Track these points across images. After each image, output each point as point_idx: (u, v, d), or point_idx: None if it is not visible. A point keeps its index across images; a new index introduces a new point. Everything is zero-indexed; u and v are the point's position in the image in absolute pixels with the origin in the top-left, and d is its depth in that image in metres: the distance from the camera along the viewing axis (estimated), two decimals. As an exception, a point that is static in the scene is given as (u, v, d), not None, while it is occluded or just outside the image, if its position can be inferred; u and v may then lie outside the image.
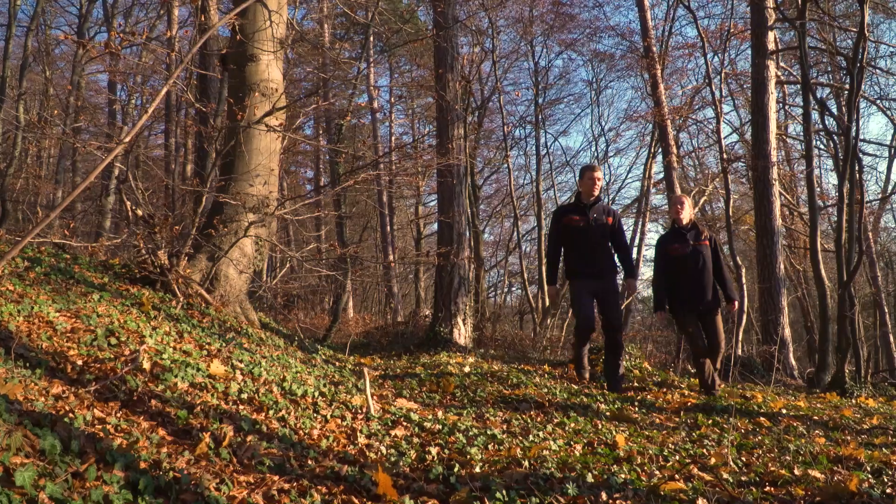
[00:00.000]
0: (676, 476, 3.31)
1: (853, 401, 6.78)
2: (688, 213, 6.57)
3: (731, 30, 15.29)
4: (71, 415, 2.78)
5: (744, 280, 12.49)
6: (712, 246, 6.55)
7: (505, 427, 4.41)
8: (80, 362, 3.56)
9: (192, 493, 2.41)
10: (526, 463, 3.42)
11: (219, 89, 11.77)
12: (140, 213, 6.57)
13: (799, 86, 12.21)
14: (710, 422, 4.91)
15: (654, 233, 30.51)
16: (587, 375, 6.94)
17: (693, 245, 6.43)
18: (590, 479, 3.18)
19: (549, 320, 17.99)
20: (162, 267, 6.30)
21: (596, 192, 6.46)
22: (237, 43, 7.08)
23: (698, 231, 6.52)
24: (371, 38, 19.16)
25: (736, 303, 6.66)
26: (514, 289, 29.98)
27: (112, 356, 3.79)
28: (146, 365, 3.73)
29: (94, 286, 5.57)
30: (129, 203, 6.62)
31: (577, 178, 6.70)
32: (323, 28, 20.94)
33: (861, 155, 12.56)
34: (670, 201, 6.59)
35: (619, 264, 6.70)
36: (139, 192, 6.66)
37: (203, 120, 10.40)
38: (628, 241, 6.83)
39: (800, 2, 9.90)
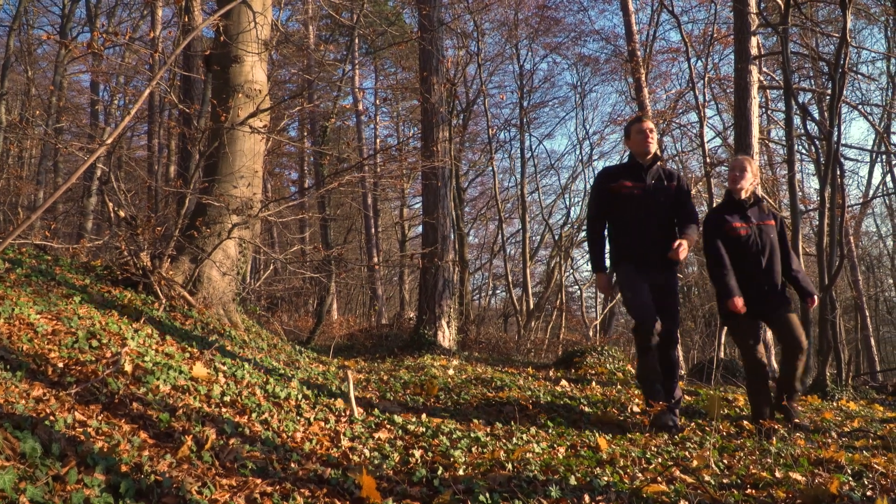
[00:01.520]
0: (659, 479, 3.33)
1: (834, 404, 6.84)
2: (749, 182, 5.02)
3: (715, 35, 15.39)
4: (52, 417, 2.75)
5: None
6: (779, 227, 5.04)
7: (489, 430, 4.41)
8: (61, 365, 3.53)
9: (173, 497, 2.40)
10: (509, 465, 3.42)
11: (202, 90, 11.73)
12: (122, 214, 6.53)
13: (781, 90, 12.31)
14: (692, 425, 4.94)
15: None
16: (664, 394, 4.78)
17: (757, 224, 4.95)
18: (573, 481, 3.19)
19: (533, 323, 18.05)
20: (144, 269, 6.26)
21: (652, 149, 4.81)
22: (221, 44, 7.06)
23: (762, 207, 5.04)
24: (356, 41, 19.13)
25: (816, 298, 5.09)
26: (498, 291, 30.08)
27: (93, 358, 3.76)
28: (128, 367, 3.71)
29: (75, 288, 5.52)
30: (111, 204, 6.58)
31: (624, 138, 5.04)
32: (308, 30, 20.90)
33: (843, 159, 12.66)
34: (729, 166, 5.26)
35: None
36: (121, 193, 6.62)
37: (186, 121, 10.36)
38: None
39: (782, 7, 9.99)
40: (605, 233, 4.97)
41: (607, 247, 5.03)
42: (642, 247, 4.77)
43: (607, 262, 5.04)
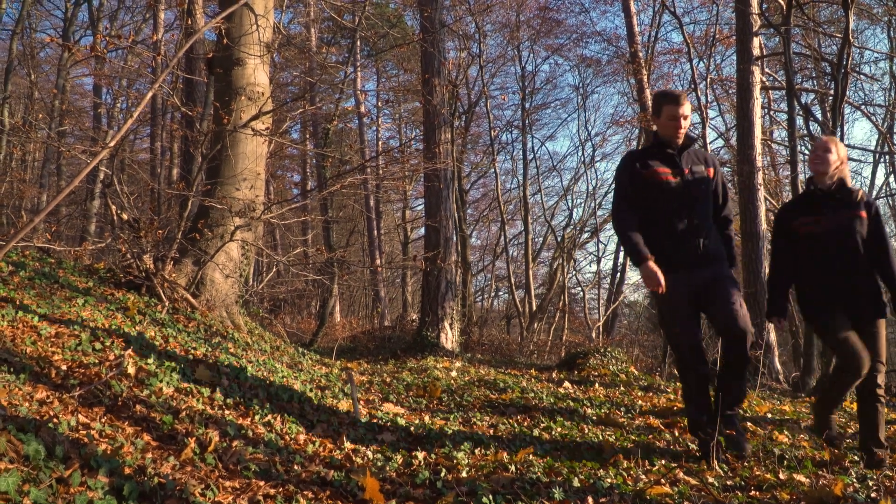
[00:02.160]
0: (662, 480, 3.32)
1: (838, 405, 6.82)
2: (834, 166, 4.13)
3: (717, 35, 15.40)
4: (55, 420, 2.76)
5: (729, 284, 12.51)
6: (872, 217, 4.10)
7: (492, 431, 4.41)
8: (64, 367, 3.54)
9: (176, 499, 2.40)
10: (512, 467, 3.42)
11: (205, 93, 11.75)
12: (125, 216, 6.54)
13: (784, 91, 12.29)
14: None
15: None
16: (715, 437, 3.81)
17: (843, 215, 4.06)
18: (576, 483, 3.19)
19: (535, 324, 18.04)
20: (147, 271, 6.26)
21: (682, 138, 3.98)
22: (223, 47, 7.07)
23: (849, 195, 4.12)
24: (358, 43, 19.15)
25: None
26: (501, 293, 30.05)
27: (97, 361, 3.77)
28: (131, 370, 3.71)
29: (78, 291, 5.53)
30: (114, 207, 6.59)
31: (652, 114, 4.14)
32: (310, 32, 20.91)
33: (845, 160, 12.67)
34: (812, 147, 4.46)
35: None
36: (124, 195, 6.62)
37: (189, 124, 10.37)
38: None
39: (785, 8, 9.98)
40: (636, 228, 3.96)
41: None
42: (682, 246, 3.88)
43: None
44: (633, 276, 26.16)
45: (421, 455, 3.54)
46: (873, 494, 3.14)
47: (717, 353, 4.17)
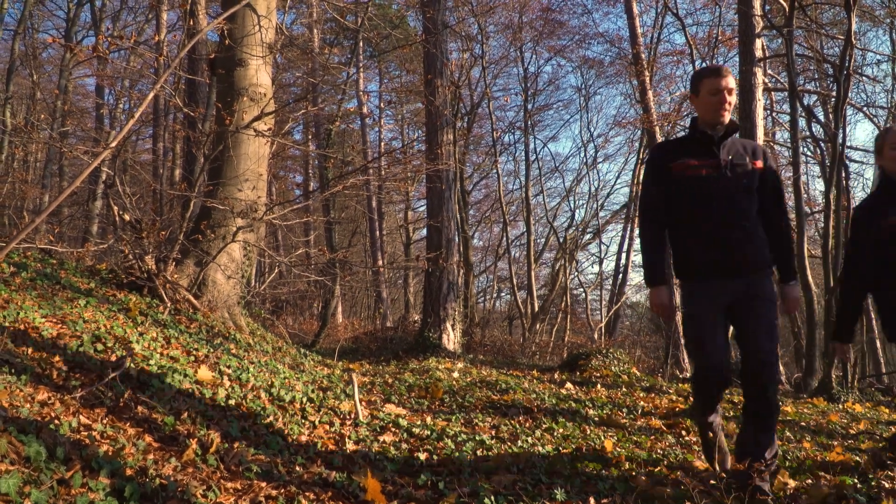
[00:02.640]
0: (664, 481, 3.31)
1: (840, 406, 6.82)
2: None
3: (719, 37, 15.40)
4: (56, 421, 2.76)
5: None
6: None
7: (494, 432, 4.41)
8: (65, 368, 3.53)
9: (178, 500, 2.40)
10: (515, 468, 3.42)
11: (207, 94, 11.74)
12: (127, 217, 6.54)
13: (786, 93, 12.29)
14: (697, 427, 4.92)
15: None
16: (727, 461, 3.56)
17: None
18: (578, 484, 3.18)
19: (537, 325, 18.03)
20: (149, 272, 6.26)
21: (727, 120, 3.36)
22: (226, 47, 7.07)
23: None
24: (360, 44, 19.17)
25: None
26: (503, 294, 30.06)
27: (98, 362, 3.77)
28: (133, 371, 3.71)
29: (80, 292, 5.53)
30: (116, 208, 6.59)
31: (691, 94, 3.52)
32: (312, 33, 20.93)
33: (848, 161, 12.63)
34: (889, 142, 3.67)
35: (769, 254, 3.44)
36: (126, 196, 6.63)
37: (191, 124, 10.38)
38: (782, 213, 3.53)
39: (787, 10, 9.98)
40: (665, 234, 3.51)
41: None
42: (717, 250, 3.30)
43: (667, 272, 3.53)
44: (635, 277, 26.18)
45: (423, 456, 3.54)
46: (875, 494, 3.13)
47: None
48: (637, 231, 3.97)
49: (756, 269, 3.32)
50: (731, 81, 3.35)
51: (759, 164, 3.42)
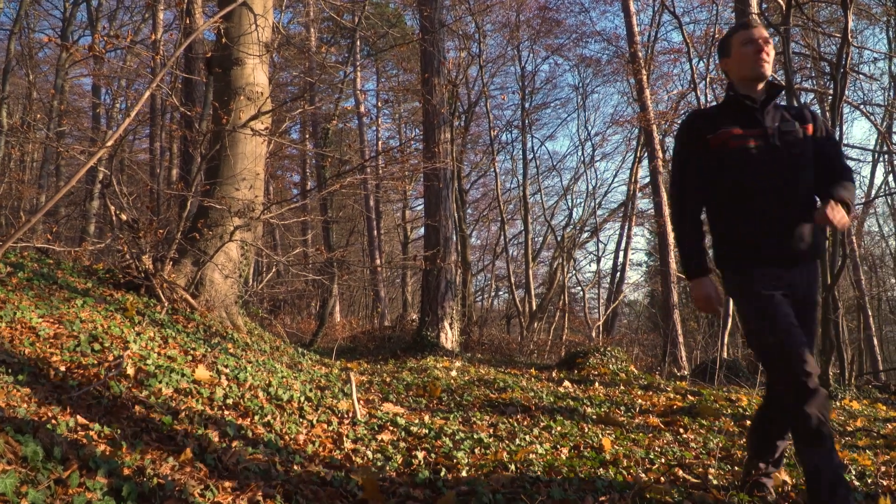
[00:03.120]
0: (662, 479, 3.32)
1: (837, 403, 6.82)
2: None
3: (716, 35, 15.38)
4: (53, 421, 2.75)
5: (729, 283, 12.55)
6: None
7: (492, 431, 4.41)
8: (63, 368, 3.53)
9: (176, 500, 2.39)
10: (512, 467, 3.42)
11: (204, 93, 11.74)
12: (124, 217, 6.53)
13: (783, 90, 12.32)
14: (695, 425, 4.93)
15: (639, 237, 30.64)
16: (777, 476, 3.27)
17: None
18: (576, 482, 3.18)
19: (535, 324, 18.04)
20: (146, 272, 6.26)
21: (767, 72, 2.91)
22: (222, 46, 7.06)
23: None
24: (358, 42, 19.14)
25: None
26: (501, 293, 30.07)
27: (95, 362, 3.76)
28: (130, 371, 3.70)
29: (77, 291, 5.52)
30: (113, 207, 6.58)
31: (720, 56, 3.12)
32: (309, 32, 20.92)
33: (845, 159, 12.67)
34: None
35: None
36: (123, 196, 6.62)
37: (188, 124, 10.36)
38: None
39: (784, 7, 9.98)
40: (703, 217, 3.03)
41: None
42: (771, 233, 2.81)
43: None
44: (632, 275, 26.20)
45: (421, 455, 3.54)
46: (872, 492, 3.14)
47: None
48: (672, 216, 3.15)
49: (815, 255, 2.87)
50: (763, 31, 2.94)
51: (810, 128, 2.94)
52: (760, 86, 2.94)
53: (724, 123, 2.92)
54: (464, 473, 3.28)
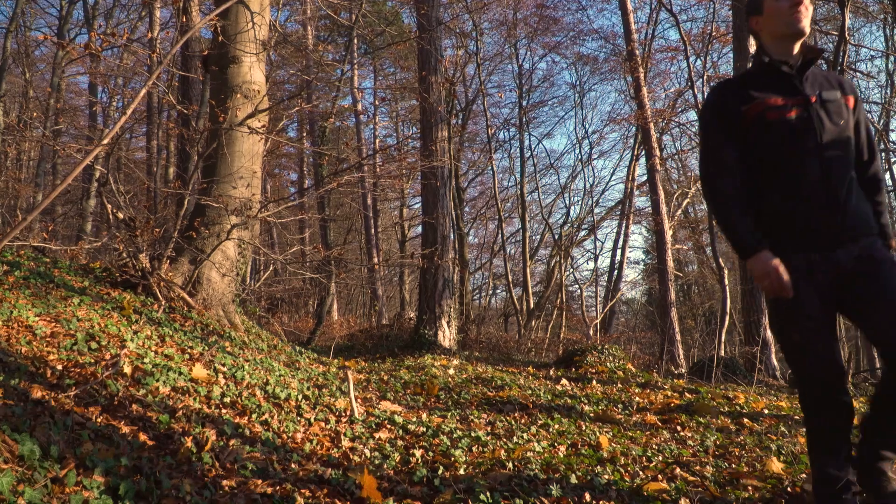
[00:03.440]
0: (659, 476, 3.32)
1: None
2: None
3: (713, 33, 15.39)
4: (50, 420, 2.75)
5: (726, 281, 12.59)
6: None
7: (489, 429, 4.41)
8: (59, 367, 3.52)
9: (173, 499, 2.39)
10: (510, 465, 3.42)
11: (201, 91, 11.73)
12: (121, 215, 6.52)
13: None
14: (693, 423, 4.93)
15: (637, 235, 30.68)
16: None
17: None
18: (573, 480, 3.19)
19: (533, 322, 18.05)
20: (143, 270, 6.25)
21: (806, 29, 2.57)
22: (219, 44, 7.05)
23: None
24: (355, 41, 19.13)
25: None
26: (498, 291, 30.09)
27: (92, 361, 3.75)
28: (127, 369, 3.70)
29: (74, 290, 5.51)
30: (109, 206, 6.57)
31: (749, 15, 2.77)
32: (306, 30, 20.89)
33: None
34: None
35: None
36: (120, 194, 6.60)
37: (185, 122, 10.35)
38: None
39: (780, 5, 9.98)
40: (738, 192, 2.60)
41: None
42: (821, 216, 2.47)
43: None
44: (630, 273, 26.22)
45: (418, 453, 3.54)
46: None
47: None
48: (707, 196, 2.66)
49: (867, 232, 2.50)
50: None
51: (851, 100, 2.62)
52: (797, 47, 2.60)
53: (759, 93, 2.57)
54: (461, 471, 3.28)
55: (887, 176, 21.72)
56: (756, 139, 2.56)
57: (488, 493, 2.89)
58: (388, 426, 4.15)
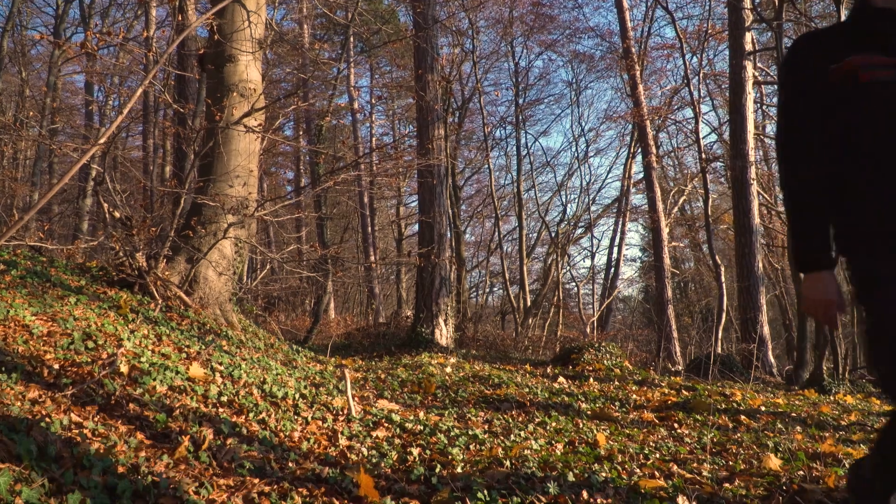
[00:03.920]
0: (656, 473, 3.32)
1: (831, 397, 6.85)
2: None
3: (709, 31, 15.41)
4: (47, 419, 2.74)
5: (723, 279, 12.60)
6: None
7: (486, 427, 4.41)
8: (56, 366, 3.52)
9: (170, 498, 2.39)
10: (507, 463, 3.42)
11: (197, 90, 11.72)
12: (118, 214, 6.51)
13: (776, 86, 12.35)
14: (690, 420, 4.94)
15: (633, 232, 30.69)
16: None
17: None
18: (571, 477, 3.19)
19: (530, 320, 18.05)
20: (140, 269, 6.24)
21: None
22: (215, 43, 7.04)
23: None
24: (351, 39, 19.12)
25: None
26: (495, 289, 30.04)
27: (89, 360, 3.75)
28: (124, 368, 3.69)
29: (70, 289, 5.51)
30: (106, 205, 6.56)
31: None
32: (302, 28, 20.87)
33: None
34: None
35: None
36: (117, 193, 6.60)
37: (181, 121, 10.34)
38: None
39: (777, 3, 10.01)
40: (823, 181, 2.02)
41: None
42: None
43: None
44: (626, 271, 26.24)
45: (416, 451, 3.54)
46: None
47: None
48: (783, 182, 2.03)
49: None
50: None
51: None
52: None
53: (852, 49, 1.95)
54: (459, 469, 3.28)
55: None
56: (853, 110, 1.95)
57: (486, 491, 2.90)
58: (386, 425, 4.15)
